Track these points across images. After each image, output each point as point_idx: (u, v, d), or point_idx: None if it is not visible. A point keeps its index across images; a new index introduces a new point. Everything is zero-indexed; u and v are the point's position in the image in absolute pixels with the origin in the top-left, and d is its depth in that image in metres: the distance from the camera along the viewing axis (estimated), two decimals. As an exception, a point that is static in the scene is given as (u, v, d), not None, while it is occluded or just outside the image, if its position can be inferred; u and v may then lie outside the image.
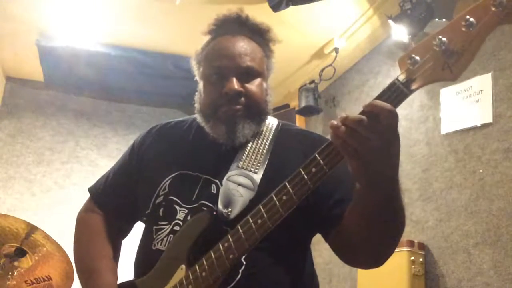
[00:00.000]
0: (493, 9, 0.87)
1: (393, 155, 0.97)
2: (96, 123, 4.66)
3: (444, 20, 2.68)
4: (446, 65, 0.92)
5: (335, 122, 0.95)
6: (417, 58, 0.94)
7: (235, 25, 1.34)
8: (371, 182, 0.99)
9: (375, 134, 0.91)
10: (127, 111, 4.78)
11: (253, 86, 1.28)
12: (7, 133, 4.39)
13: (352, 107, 3.90)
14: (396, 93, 0.94)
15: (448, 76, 0.92)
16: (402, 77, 0.95)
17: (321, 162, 1.01)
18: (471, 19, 0.89)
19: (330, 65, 3.82)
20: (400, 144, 0.97)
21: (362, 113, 0.93)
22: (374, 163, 0.94)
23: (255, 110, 1.28)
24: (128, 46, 3.90)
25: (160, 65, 4.02)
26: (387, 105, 0.92)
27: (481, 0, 0.89)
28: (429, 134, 3.00)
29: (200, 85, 1.35)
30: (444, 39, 0.91)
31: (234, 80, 1.25)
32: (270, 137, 1.32)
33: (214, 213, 1.19)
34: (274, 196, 1.06)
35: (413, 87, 0.94)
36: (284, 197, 1.04)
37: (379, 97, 0.95)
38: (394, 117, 0.92)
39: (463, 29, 0.90)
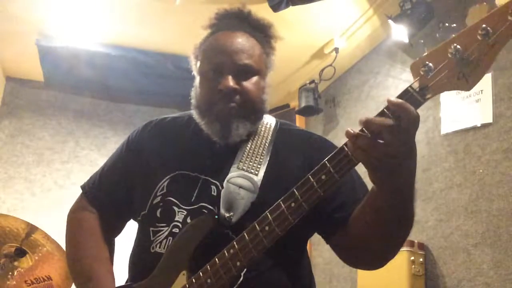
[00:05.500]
0: (510, 18, 0.84)
1: (412, 163, 0.96)
2: (96, 123, 4.66)
3: (454, 25, 2.67)
4: (462, 74, 0.89)
5: (352, 131, 0.90)
6: (431, 65, 0.91)
7: (236, 20, 1.32)
8: (389, 188, 0.98)
9: (399, 139, 0.88)
10: (127, 111, 4.78)
11: (249, 84, 1.25)
12: (7, 133, 4.39)
13: (352, 107, 3.90)
14: (409, 101, 0.90)
15: (464, 86, 0.90)
16: (416, 85, 0.92)
17: (332, 170, 0.98)
18: (488, 28, 0.86)
19: (330, 65, 3.82)
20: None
21: (382, 113, 0.90)
22: (396, 171, 0.93)
23: (250, 109, 1.26)
24: (128, 46, 3.90)
25: (160, 65, 4.02)
26: (412, 109, 0.89)
27: (497, 8, 0.86)
28: (429, 134, 3.00)
29: (197, 80, 1.32)
30: (459, 47, 0.89)
31: (230, 77, 1.22)
32: (269, 137, 1.30)
33: (216, 216, 1.16)
34: (282, 203, 1.04)
35: (428, 95, 0.92)
36: (293, 205, 1.02)
37: None
38: (417, 123, 0.90)
39: (479, 37, 0.87)
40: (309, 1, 3.03)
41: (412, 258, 2.73)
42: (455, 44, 0.89)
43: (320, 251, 3.79)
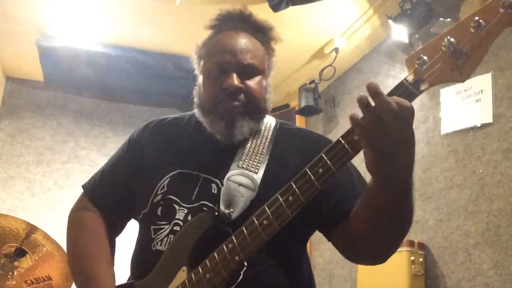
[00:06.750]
0: (502, 10, 0.87)
1: (410, 152, 0.97)
2: (96, 123, 4.66)
3: (449, 19, 2.68)
4: (455, 66, 0.91)
5: (364, 100, 0.91)
6: (425, 58, 0.93)
7: (238, 21, 1.34)
8: (387, 178, 0.98)
9: (397, 123, 0.91)
10: (127, 111, 4.79)
11: (253, 83, 1.26)
12: (7, 133, 4.39)
13: (352, 107, 3.90)
14: (405, 94, 0.93)
15: (457, 77, 0.92)
16: (410, 78, 0.94)
17: (328, 162, 0.99)
18: (480, 20, 0.88)
19: (330, 65, 3.82)
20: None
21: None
22: (394, 157, 0.94)
23: (254, 108, 1.27)
24: (128, 46, 3.90)
25: (160, 65, 4.02)
26: (406, 102, 0.92)
27: (489, 1, 0.88)
28: (429, 134, 3.00)
29: (200, 79, 1.33)
30: (452, 39, 0.91)
31: (235, 76, 1.24)
32: (269, 136, 1.31)
33: (216, 213, 1.17)
34: (279, 197, 1.05)
35: (422, 87, 0.94)
36: (290, 198, 1.03)
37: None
38: (412, 114, 0.92)
39: (472, 30, 0.89)
40: (309, 1, 3.04)
41: (412, 258, 2.73)
42: (448, 37, 0.91)
43: (320, 251, 3.79)
